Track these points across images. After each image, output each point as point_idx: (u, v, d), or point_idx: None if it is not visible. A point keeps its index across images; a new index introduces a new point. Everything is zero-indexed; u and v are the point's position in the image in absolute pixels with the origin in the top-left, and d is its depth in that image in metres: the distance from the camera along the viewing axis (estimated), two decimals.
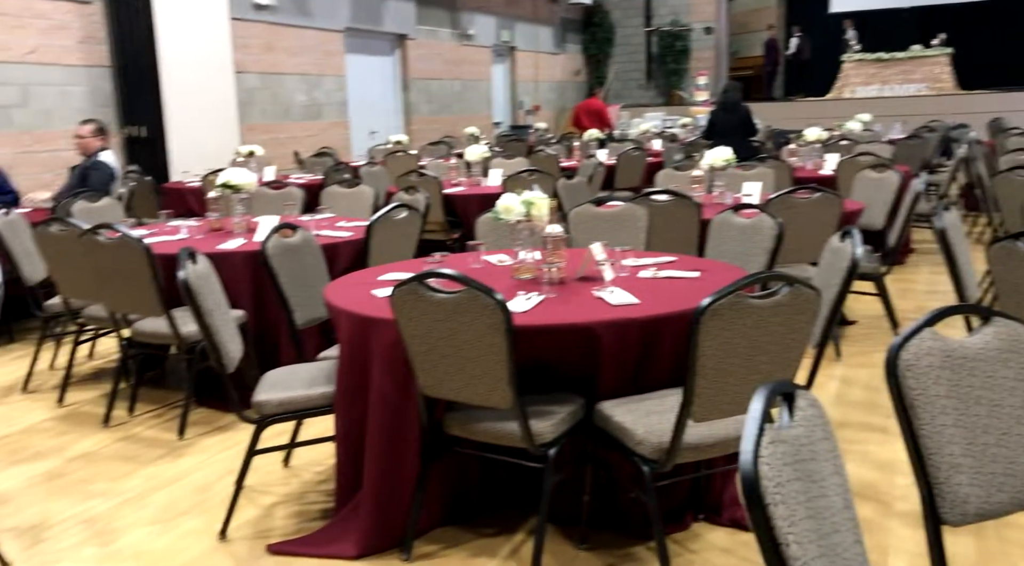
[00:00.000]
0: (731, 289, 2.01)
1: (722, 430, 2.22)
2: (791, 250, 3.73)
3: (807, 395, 1.14)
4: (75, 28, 7.40)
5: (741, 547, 2.52)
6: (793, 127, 10.04)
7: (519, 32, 14.83)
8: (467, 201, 5.88)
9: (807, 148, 7.13)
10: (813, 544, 1.00)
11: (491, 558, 2.51)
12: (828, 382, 3.93)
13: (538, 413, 2.29)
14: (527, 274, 2.84)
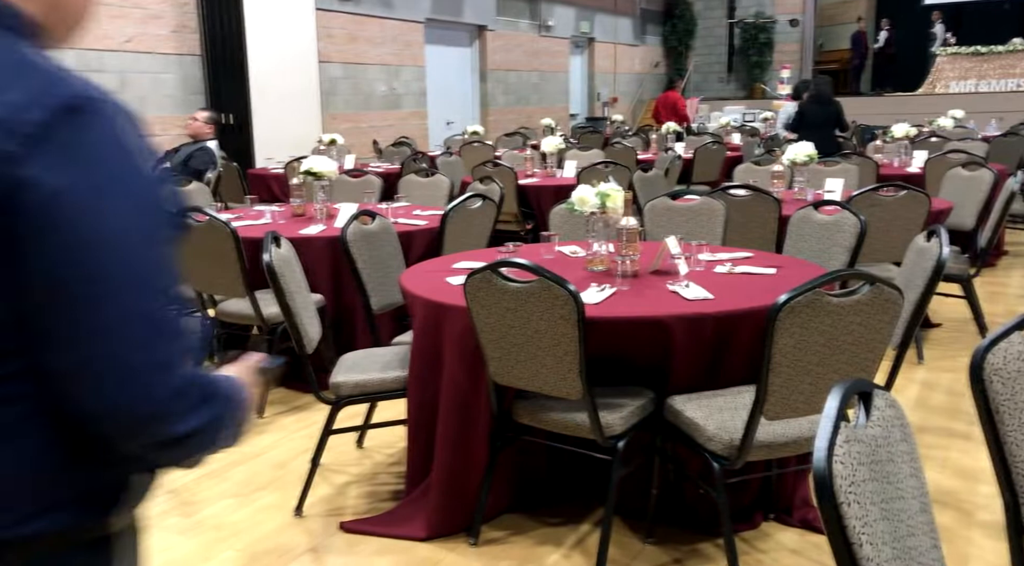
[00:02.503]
0: (810, 286, 1.97)
1: (795, 429, 2.19)
2: (873, 249, 3.63)
3: (886, 395, 1.11)
4: (169, 18, 7.68)
5: (811, 549, 2.47)
6: (880, 123, 9.73)
7: (598, 23, 14.74)
8: (541, 192, 5.89)
9: (894, 145, 6.90)
10: (887, 546, 0.98)
11: (556, 547, 2.53)
12: (908, 385, 3.81)
13: (608, 405, 2.30)
14: (600, 266, 2.84)
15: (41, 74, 0.79)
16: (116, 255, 0.79)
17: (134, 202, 0.81)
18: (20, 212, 0.76)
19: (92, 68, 7.16)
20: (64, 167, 0.76)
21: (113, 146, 0.80)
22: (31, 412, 0.83)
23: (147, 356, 0.81)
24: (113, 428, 0.83)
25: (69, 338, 0.80)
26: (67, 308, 0.79)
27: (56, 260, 0.77)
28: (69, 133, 0.76)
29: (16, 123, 0.75)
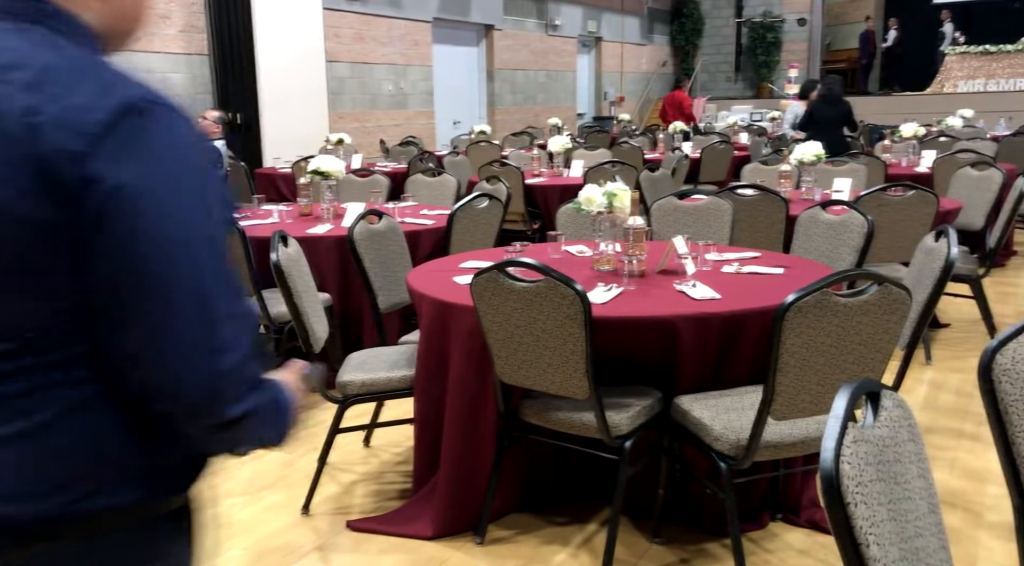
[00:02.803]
0: (817, 286, 1.97)
1: (803, 429, 2.18)
2: (881, 249, 3.62)
3: (893, 395, 1.11)
4: (177, 18, 7.71)
5: (819, 549, 2.47)
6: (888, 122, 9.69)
7: (605, 22, 14.73)
8: (548, 192, 5.89)
9: (902, 144, 6.88)
10: (895, 546, 0.98)
11: (563, 546, 2.53)
12: (917, 386, 3.80)
13: (615, 405, 2.30)
14: (607, 266, 2.84)
15: (102, 78, 0.85)
16: (175, 245, 0.85)
17: (191, 196, 0.86)
18: (86, 206, 0.81)
19: None
20: (126, 164, 0.81)
21: (170, 144, 0.85)
22: (97, 393, 0.89)
23: (205, 339, 0.87)
24: (173, 407, 0.88)
25: (133, 322, 0.85)
26: (131, 295, 0.84)
27: (119, 250, 0.83)
28: (129, 132, 0.82)
29: (81, 124, 0.80)
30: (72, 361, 0.88)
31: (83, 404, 0.89)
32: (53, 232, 0.82)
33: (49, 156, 0.80)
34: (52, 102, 0.81)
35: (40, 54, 0.85)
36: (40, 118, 0.80)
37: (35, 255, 0.83)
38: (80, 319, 0.86)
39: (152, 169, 0.83)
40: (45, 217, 0.81)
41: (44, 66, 0.84)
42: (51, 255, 0.83)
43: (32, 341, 0.87)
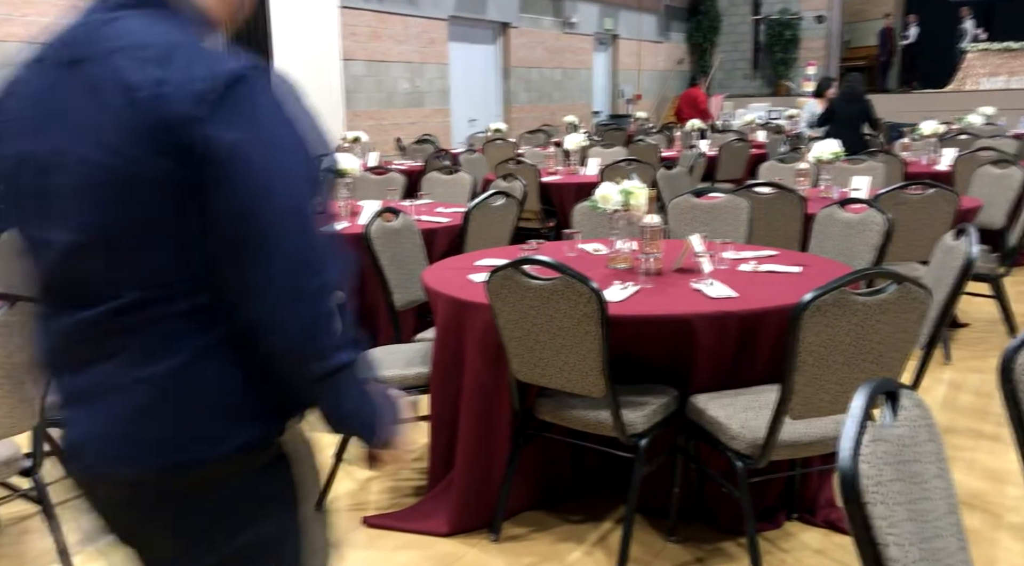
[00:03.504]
0: (835, 285, 1.96)
1: (820, 429, 2.17)
2: (900, 247, 3.59)
3: (912, 395, 1.10)
4: None
5: (835, 549, 2.46)
6: (908, 120, 9.60)
7: (622, 20, 14.68)
8: (564, 190, 5.88)
9: (922, 142, 6.82)
10: (914, 546, 0.97)
11: (578, 544, 2.53)
12: (935, 386, 3.76)
13: (631, 403, 2.29)
14: (623, 264, 2.83)
15: (203, 51, 0.96)
16: (276, 196, 0.95)
17: (289, 153, 0.97)
18: (203, 164, 0.92)
19: None
20: (234, 126, 0.92)
21: (271, 108, 0.96)
22: (219, 341, 1.00)
23: (300, 283, 0.96)
24: (275, 346, 0.98)
25: (241, 268, 0.95)
26: (244, 243, 0.94)
27: (233, 202, 0.93)
28: (237, 99, 0.93)
29: (198, 93, 0.91)
30: (197, 310, 0.98)
31: (207, 351, 0.99)
32: (174, 186, 0.93)
33: (171, 121, 0.91)
34: (173, 75, 0.92)
35: (162, 34, 0.97)
36: (163, 89, 0.92)
37: (158, 206, 0.94)
38: (201, 270, 0.97)
39: (256, 130, 0.94)
40: (168, 173, 0.92)
41: (166, 44, 0.96)
42: (172, 206, 0.94)
43: (161, 291, 0.97)
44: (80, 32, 0.99)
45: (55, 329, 1.05)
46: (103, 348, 1.00)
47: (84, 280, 0.99)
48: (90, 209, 0.96)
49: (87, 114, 0.94)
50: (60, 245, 0.99)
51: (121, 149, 0.92)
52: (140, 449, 1.01)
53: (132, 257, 0.97)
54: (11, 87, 1.05)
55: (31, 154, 0.99)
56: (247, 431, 1.03)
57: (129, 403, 1.00)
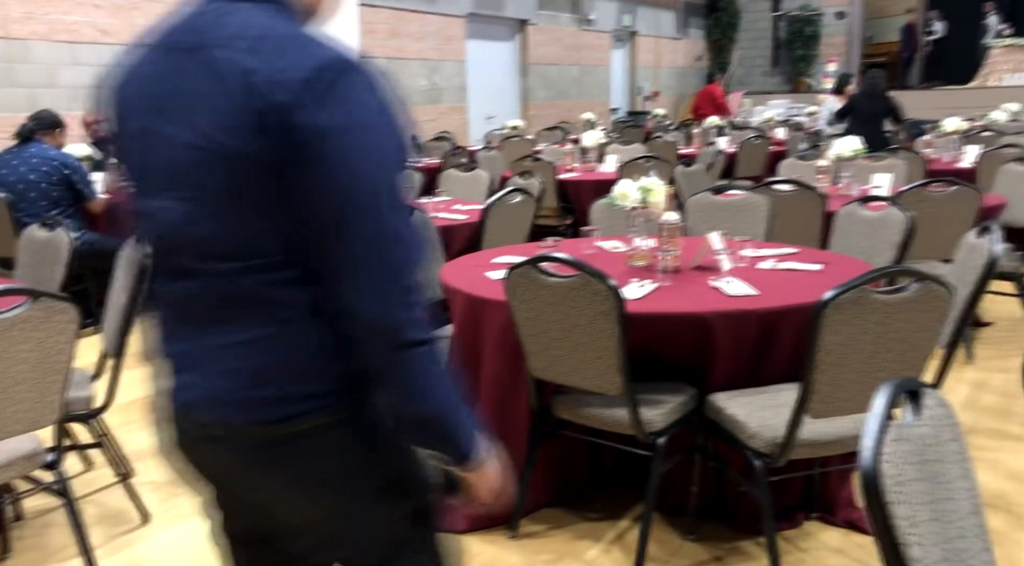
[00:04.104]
0: (856, 283, 1.94)
1: (840, 428, 2.15)
2: (922, 246, 3.55)
3: (935, 394, 1.09)
4: None
5: (855, 549, 2.44)
6: (930, 117, 9.50)
7: (640, 16, 14.63)
8: (581, 187, 5.87)
9: (944, 139, 6.74)
10: (936, 547, 0.96)
11: (596, 542, 2.53)
12: (958, 386, 3.73)
13: (648, 401, 2.28)
14: (641, 261, 2.83)
15: (304, 43, 1.02)
16: (371, 180, 1.01)
17: (376, 138, 1.02)
18: (304, 146, 0.98)
19: None
20: (336, 112, 0.99)
21: (366, 96, 1.02)
22: (306, 313, 1.07)
23: (384, 262, 1.03)
24: (366, 315, 1.03)
25: (337, 243, 1.02)
26: (336, 220, 1.01)
27: (329, 182, 1.00)
28: (326, 86, 0.99)
29: (288, 81, 0.98)
30: (290, 282, 1.06)
31: (296, 321, 1.07)
32: (276, 166, 1.00)
33: (263, 107, 0.98)
34: (266, 64, 0.99)
35: (256, 25, 1.04)
36: (257, 77, 0.99)
37: (261, 184, 1.01)
38: (296, 244, 1.04)
39: (353, 116, 1.00)
40: (260, 154, 0.99)
41: (259, 35, 1.02)
42: (264, 183, 1.01)
43: (258, 263, 1.05)
44: (198, 21, 1.07)
45: (164, 296, 1.15)
46: (209, 315, 1.09)
47: (189, 250, 1.08)
48: (198, 184, 1.04)
49: (202, 96, 1.02)
50: (169, 216, 1.08)
51: (231, 130, 1.00)
52: (246, 406, 1.09)
53: (234, 230, 1.05)
54: (130, 70, 1.13)
55: (148, 130, 1.08)
56: (318, 399, 1.10)
57: (234, 365, 1.09)
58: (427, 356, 1.07)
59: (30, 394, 1.97)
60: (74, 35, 6.82)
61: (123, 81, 1.13)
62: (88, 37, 6.91)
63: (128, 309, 2.45)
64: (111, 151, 1.17)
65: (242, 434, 1.10)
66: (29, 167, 4.60)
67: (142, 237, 1.16)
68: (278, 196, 1.02)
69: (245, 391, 1.09)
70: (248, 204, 1.03)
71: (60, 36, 6.72)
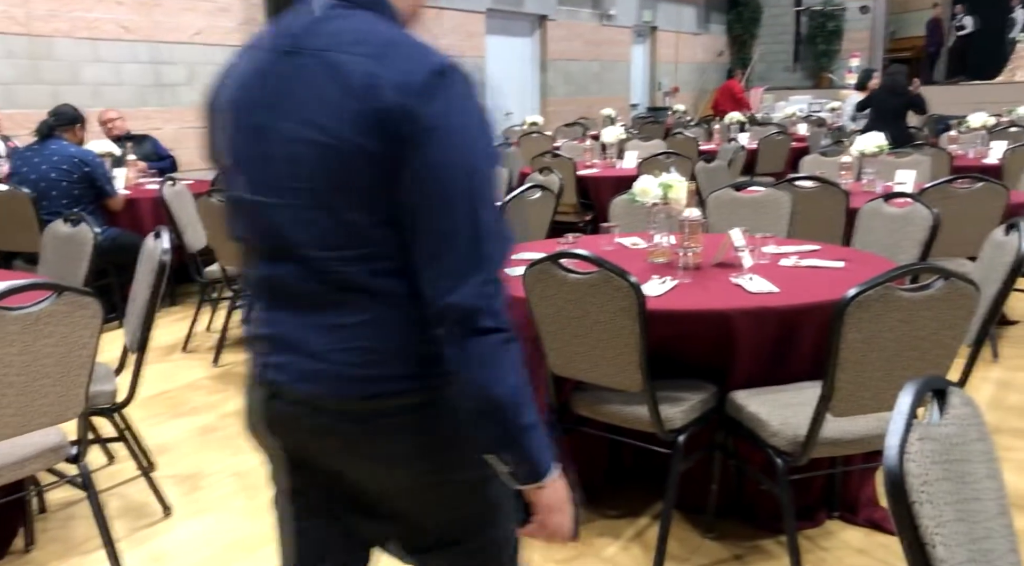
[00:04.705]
0: (880, 280, 1.92)
1: (862, 426, 2.13)
2: (947, 243, 3.51)
3: (961, 393, 1.08)
4: (237, 11, 7.85)
5: (878, 549, 2.41)
6: (956, 113, 9.38)
7: (661, 12, 14.55)
8: (601, 183, 5.85)
9: (970, 135, 6.66)
10: (962, 547, 0.95)
11: (615, 539, 2.52)
12: (983, 385, 3.68)
13: (669, 398, 2.27)
14: (662, 258, 2.81)
15: (417, 49, 1.11)
16: (468, 175, 1.08)
17: (475, 137, 1.10)
18: (406, 144, 1.06)
19: (163, 60, 7.36)
20: (438, 113, 1.06)
21: (462, 97, 1.10)
22: (400, 301, 1.14)
23: (472, 251, 1.09)
24: (448, 300, 1.09)
25: (432, 233, 1.09)
26: (432, 212, 1.08)
27: (428, 177, 1.07)
28: (438, 89, 1.07)
29: (407, 85, 1.06)
30: (389, 271, 1.13)
31: (393, 306, 1.14)
32: (377, 163, 1.07)
33: (384, 109, 1.05)
34: (386, 69, 1.07)
35: (374, 32, 1.12)
36: (378, 81, 1.06)
37: (363, 177, 1.09)
38: (394, 235, 1.11)
39: (453, 117, 1.08)
40: (373, 150, 1.07)
41: (380, 41, 1.11)
42: (373, 177, 1.09)
43: (355, 252, 1.13)
44: (301, 26, 1.15)
45: (263, 282, 1.22)
46: (308, 299, 1.16)
47: (295, 238, 1.15)
48: (313, 177, 1.11)
49: (322, 96, 1.09)
50: (278, 206, 1.15)
51: (336, 128, 1.08)
52: (338, 384, 1.17)
53: (341, 221, 1.12)
54: (234, 70, 1.21)
55: (263, 127, 1.14)
56: (408, 380, 1.17)
57: (330, 346, 1.16)
58: (502, 346, 1.12)
59: (55, 388, 1.99)
60: (96, 32, 6.88)
61: (234, 81, 1.20)
62: (110, 34, 6.98)
63: (150, 304, 2.47)
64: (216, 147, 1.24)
65: (332, 409, 1.18)
66: (50, 165, 4.62)
67: (240, 226, 1.23)
68: (384, 189, 1.09)
69: (339, 370, 1.16)
70: (356, 196, 1.11)
71: (82, 33, 6.79)
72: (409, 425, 1.19)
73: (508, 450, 1.15)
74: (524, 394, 1.14)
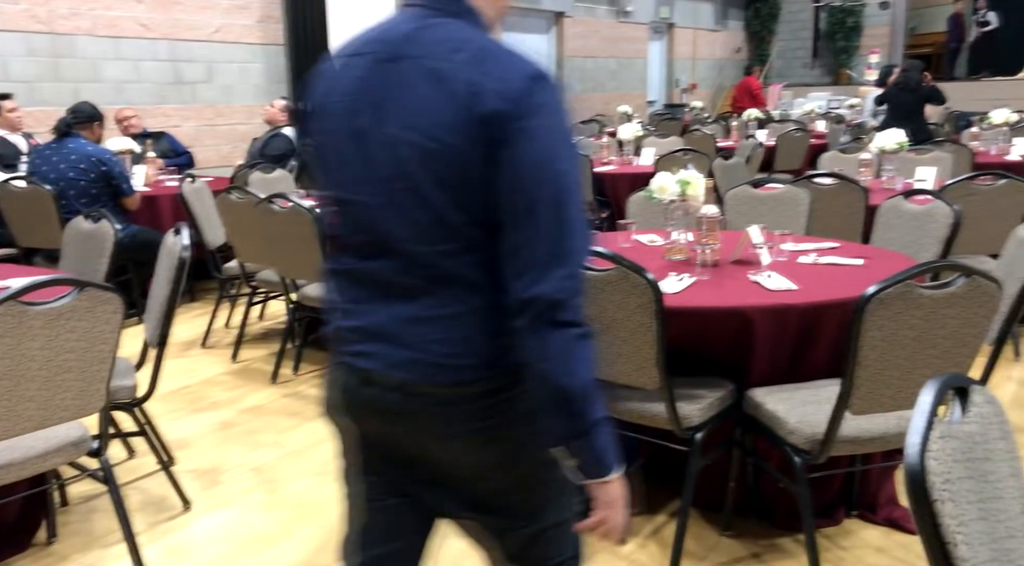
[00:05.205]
0: (901, 277, 1.90)
1: (882, 425, 2.12)
2: (968, 240, 3.48)
3: (983, 391, 1.07)
4: (255, 8, 7.89)
5: (897, 548, 2.40)
6: (977, 109, 9.28)
7: (678, 8, 14.48)
8: (617, 180, 5.84)
9: (992, 131, 6.59)
10: (985, 547, 0.94)
11: (632, 536, 2.51)
12: (1005, 383, 3.64)
13: (686, 396, 2.27)
14: (679, 255, 2.80)
15: (512, 56, 1.18)
16: (557, 175, 1.15)
17: (564, 138, 1.17)
18: (503, 145, 1.14)
19: (182, 58, 7.41)
20: (532, 117, 1.14)
21: (553, 102, 1.17)
22: (489, 292, 1.21)
23: (569, 246, 1.16)
24: (533, 291, 1.15)
25: (522, 227, 1.15)
26: (524, 209, 1.15)
27: (520, 175, 1.14)
28: (534, 94, 1.15)
29: (507, 91, 1.14)
30: (480, 264, 1.20)
31: (483, 298, 1.21)
32: (477, 161, 1.15)
33: (485, 113, 1.13)
34: (486, 75, 1.15)
35: (470, 40, 1.19)
36: (480, 87, 1.14)
37: (463, 176, 1.16)
38: (487, 230, 1.18)
39: (544, 120, 1.15)
40: (475, 150, 1.14)
41: (477, 49, 1.18)
42: (472, 176, 1.16)
43: (455, 246, 1.20)
44: (401, 35, 1.22)
45: (358, 276, 1.28)
46: (400, 291, 1.24)
47: (392, 235, 1.22)
48: (405, 178, 1.18)
49: (424, 101, 1.16)
50: (372, 204, 1.22)
51: (437, 132, 1.15)
52: (428, 371, 1.23)
53: (439, 217, 1.19)
54: (330, 76, 1.28)
55: (366, 130, 1.21)
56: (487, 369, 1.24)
57: (421, 336, 1.23)
58: (579, 340, 1.18)
59: (77, 382, 2.02)
60: (116, 30, 6.94)
61: (331, 87, 1.26)
62: (130, 32, 7.03)
63: (169, 300, 2.49)
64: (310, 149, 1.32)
65: (422, 394, 1.24)
66: (68, 164, 4.62)
67: (336, 223, 1.29)
68: (480, 187, 1.16)
69: (433, 358, 1.23)
70: (454, 194, 1.17)
71: (103, 31, 6.85)
72: (490, 407, 1.25)
73: (576, 443, 1.20)
74: (595, 389, 1.19)
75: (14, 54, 6.33)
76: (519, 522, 1.36)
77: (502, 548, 1.40)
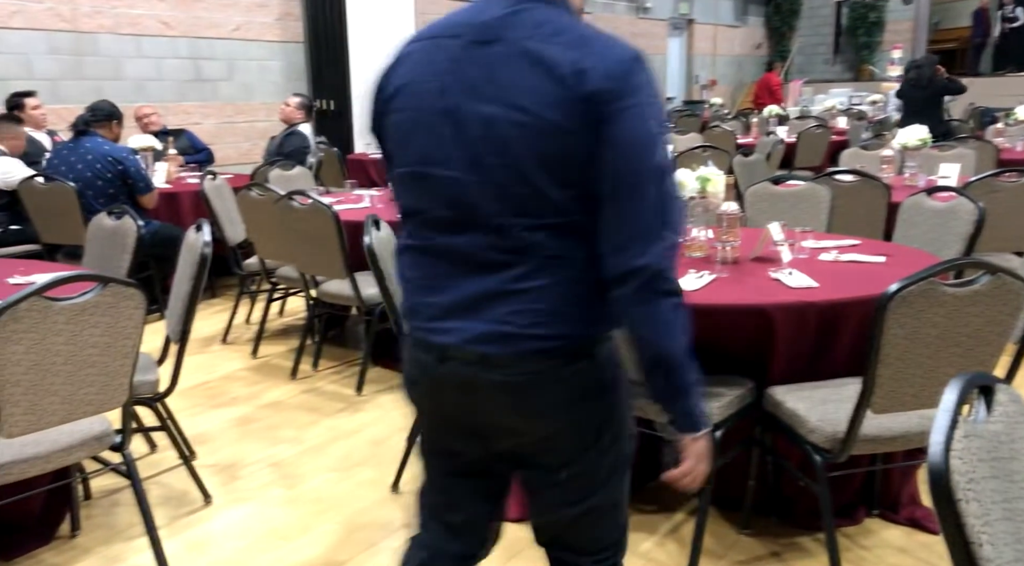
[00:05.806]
0: (924, 275, 1.88)
1: (904, 423, 2.10)
2: (992, 237, 3.43)
3: (1009, 389, 1.05)
4: (274, 6, 7.93)
5: (919, 548, 2.38)
6: (1002, 105, 9.16)
7: (698, 4, 14.40)
8: None
9: (1017, 127, 6.50)
10: (1009, 547, 0.93)
11: (650, 534, 2.51)
12: None
13: (705, 393, 2.25)
14: (699, 252, 2.79)
15: (609, 39, 1.23)
16: (655, 151, 1.22)
17: (658, 113, 1.23)
18: (606, 122, 1.19)
19: (203, 55, 7.46)
20: (631, 97, 1.20)
21: (649, 81, 1.23)
22: (580, 264, 1.26)
23: (667, 218, 1.22)
24: (639, 262, 1.21)
25: (624, 201, 1.21)
26: (626, 183, 1.21)
27: (623, 153, 1.20)
28: (632, 74, 1.21)
29: (611, 71, 1.19)
30: (575, 237, 1.24)
31: (574, 270, 1.26)
32: (580, 137, 1.19)
33: (591, 94, 1.18)
34: (589, 57, 1.19)
35: (568, 23, 1.25)
36: (584, 68, 1.18)
37: (564, 153, 1.21)
38: (585, 205, 1.23)
39: (642, 99, 1.21)
40: (577, 128, 1.19)
41: (575, 32, 1.23)
42: (574, 153, 1.20)
43: (540, 221, 1.24)
44: (495, 18, 1.25)
45: (441, 251, 1.31)
46: (490, 266, 1.27)
47: (483, 209, 1.25)
48: (504, 155, 1.22)
49: (523, 82, 1.20)
50: (464, 180, 1.25)
51: (540, 110, 1.19)
52: (512, 341, 1.27)
53: (530, 192, 1.22)
54: (415, 58, 1.31)
55: (460, 110, 1.24)
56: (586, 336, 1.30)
57: (509, 308, 1.26)
58: (678, 309, 1.25)
59: (100, 377, 2.04)
60: (138, 28, 7.00)
61: (414, 68, 1.30)
62: (152, 30, 7.09)
63: (191, 296, 2.51)
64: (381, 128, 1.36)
65: (505, 366, 1.28)
66: (85, 164, 4.61)
67: (415, 199, 1.32)
68: (583, 163, 1.20)
69: (519, 330, 1.26)
70: (554, 170, 1.21)
71: (125, 29, 6.91)
72: (570, 376, 1.30)
73: (675, 401, 1.31)
74: (691, 354, 1.28)
75: (37, 52, 6.41)
76: (577, 494, 1.42)
77: (553, 527, 1.48)
